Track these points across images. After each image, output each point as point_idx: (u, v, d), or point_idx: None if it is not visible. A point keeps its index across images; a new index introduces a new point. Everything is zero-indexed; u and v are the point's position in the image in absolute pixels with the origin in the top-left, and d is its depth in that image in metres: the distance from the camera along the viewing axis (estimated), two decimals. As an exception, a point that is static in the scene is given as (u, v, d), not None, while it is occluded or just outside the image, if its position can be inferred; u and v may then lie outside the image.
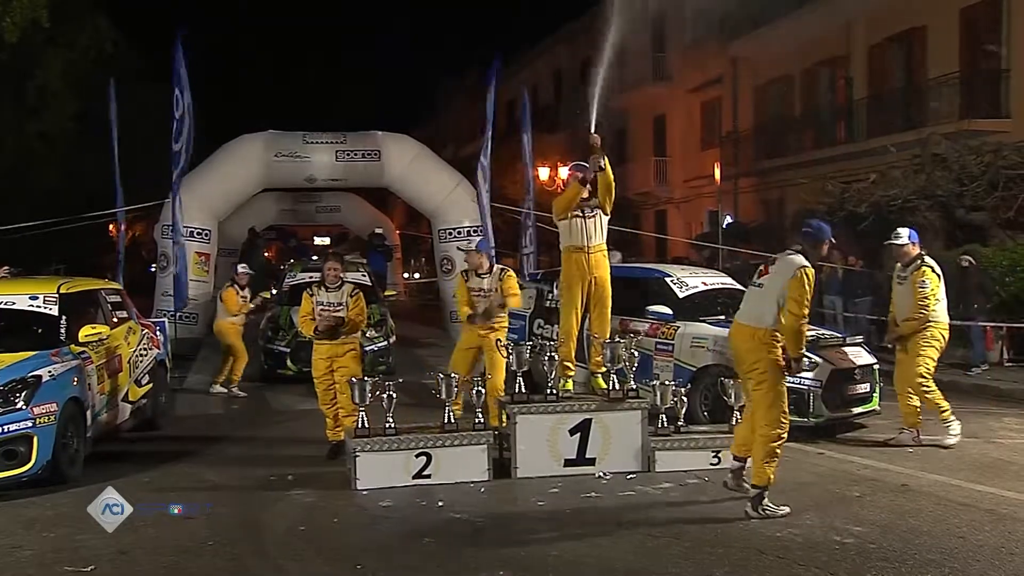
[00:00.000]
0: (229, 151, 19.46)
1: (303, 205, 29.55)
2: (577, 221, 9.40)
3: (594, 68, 9.31)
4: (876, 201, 18.74)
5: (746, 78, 29.42)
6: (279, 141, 19.53)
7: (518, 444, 8.70)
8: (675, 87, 33.02)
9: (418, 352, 18.73)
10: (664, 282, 12.02)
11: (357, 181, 21.32)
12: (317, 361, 9.86)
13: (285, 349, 15.01)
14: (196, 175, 18.73)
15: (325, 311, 9.84)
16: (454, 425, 8.66)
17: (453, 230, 19.78)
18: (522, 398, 8.87)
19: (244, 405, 13.52)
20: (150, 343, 11.39)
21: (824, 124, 26.03)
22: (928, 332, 9.99)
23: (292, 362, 14.90)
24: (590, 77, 9.41)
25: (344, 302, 9.94)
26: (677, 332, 11.17)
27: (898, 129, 21.89)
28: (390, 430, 8.53)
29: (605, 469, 8.74)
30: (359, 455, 8.37)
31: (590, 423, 8.80)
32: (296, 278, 16.87)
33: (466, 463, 8.56)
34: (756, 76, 28.99)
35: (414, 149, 20.58)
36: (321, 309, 9.86)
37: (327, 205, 30.61)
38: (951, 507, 7.58)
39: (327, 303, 9.90)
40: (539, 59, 43.05)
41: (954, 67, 21.08)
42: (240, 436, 11.10)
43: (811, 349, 10.49)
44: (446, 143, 49.37)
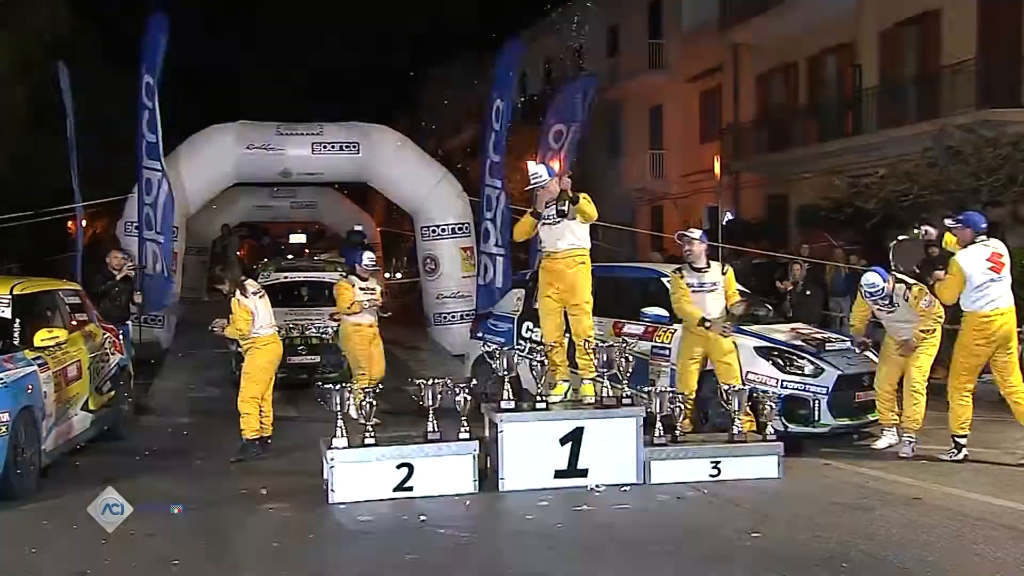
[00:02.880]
0: (197, 143, 19.36)
1: (277, 201, 29.46)
2: (544, 228, 9.64)
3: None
4: (886, 197, 18.73)
5: (748, 66, 29.44)
6: (251, 132, 19.45)
7: (505, 454, 8.67)
8: (672, 76, 33.04)
9: (399, 356, 18.64)
10: (660, 282, 11.99)
11: (335, 175, 21.25)
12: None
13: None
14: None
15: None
16: (437, 434, 8.63)
17: (437, 227, 19.74)
18: (510, 405, 8.85)
19: (214, 413, 13.41)
20: (112, 348, 11.32)
21: (831, 115, 26.01)
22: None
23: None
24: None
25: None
26: (674, 336, 11.14)
27: (910, 120, 21.88)
28: (369, 439, 8.50)
29: (598, 481, 8.71)
30: (336, 466, 8.34)
31: (582, 432, 8.77)
32: (270, 278, 16.80)
33: (450, 474, 8.54)
34: (758, 64, 29.00)
35: (395, 141, 20.53)
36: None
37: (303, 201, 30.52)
38: (967, 522, 7.56)
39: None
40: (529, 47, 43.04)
41: (970, 53, 20.99)
42: (209, 446, 11.02)
43: (816, 353, 10.54)
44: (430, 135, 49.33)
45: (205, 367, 16.31)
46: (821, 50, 26.33)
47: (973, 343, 9.67)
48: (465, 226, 19.69)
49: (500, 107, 17.92)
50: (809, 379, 10.31)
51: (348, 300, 12.02)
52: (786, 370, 10.37)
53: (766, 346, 10.65)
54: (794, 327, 11.65)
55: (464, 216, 19.74)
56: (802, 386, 10.25)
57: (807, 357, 10.53)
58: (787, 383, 10.25)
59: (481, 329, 13.67)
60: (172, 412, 13.50)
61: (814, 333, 11.42)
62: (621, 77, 34.86)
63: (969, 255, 9.75)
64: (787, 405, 10.17)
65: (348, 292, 12.08)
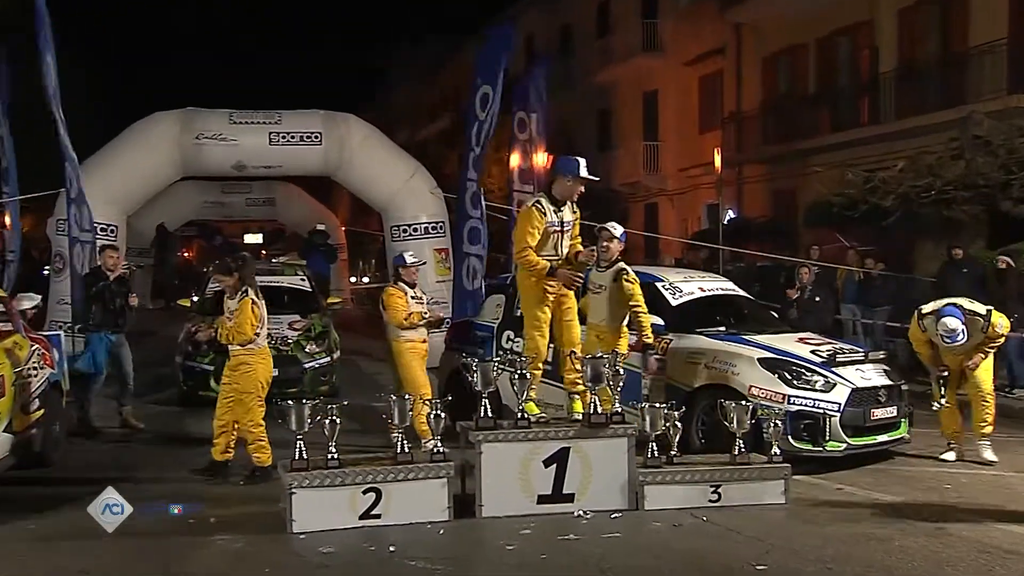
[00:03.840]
0: (138, 132, 19.31)
1: (230, 197, 29.45)
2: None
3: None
4: (905, 192, 18.82)
5: (752, 48, 29.59)
6: (200, 120, 19.40)
7: (484, 477, 8.68)
8: (669, 59, 33.17)
9: (367, 370, 18.67)
10: (655, 287, 12.02)
11: (295, 168, 21.24)
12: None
13: (208, 367, 14.84)
14: (98, 160, 18.58)
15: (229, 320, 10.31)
16: (408, 456, 8.64)
17: (409, 227, 19.76)
18: (488, 423, 8.86)
19: (158, 434, 13.38)
20: (41, 361, 11.21)
21: (844, 102, 26.17)
22: None
23: (216, 382, 14.74)
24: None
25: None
26: (670, 346, 11.19)
27: (933, 107, 21.98)
28: (333, 462, 8.49)
29: (585, 507, 8.73)
30: (296, 492, 8.32)
31: (568, 453, 8.80)
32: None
33: (423, 500, 8.53)
34: (764, 46, 29.15)
35: (362, 131, 20.55)
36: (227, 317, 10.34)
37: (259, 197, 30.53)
38: (996, 555, 7.59)
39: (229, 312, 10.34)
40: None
41: (1001, 33, 21.08)
42: (153, 471, 10.94)
43: (827, 366, 10.60)
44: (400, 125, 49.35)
45: (153, 382, 16.25)
46: (833, 30, 26.47)
47: None
48: (439, 225, 19.73)
49: (488, 94, 17.76)
50: (819, 394, 10.37)
51: (403, 311, 11.19)
52: (794, 384, 10.42)
53: (771, 358, 10.71)
54: (802, 337, 11.72)
55: (438, 214, 19.78)
56: (811, 402, 10.30)
57: (817, 370, 10.58)
58: (795, 399, 10.30)
59: (457, 339, 13.67)
60: (111, 433, 13.41)
61: (824, 343, 11.48)
62: (612, 60, 34.96)
63: None
64: (795, 423, 10.21)
65: (401, 301, 11.22)
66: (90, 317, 13.12)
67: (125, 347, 13.43)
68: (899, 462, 10.97)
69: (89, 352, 13.11)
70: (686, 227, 31.57)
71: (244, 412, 10.18)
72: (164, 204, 25.34)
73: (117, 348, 13.27)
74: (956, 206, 18.11)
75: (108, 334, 13.10)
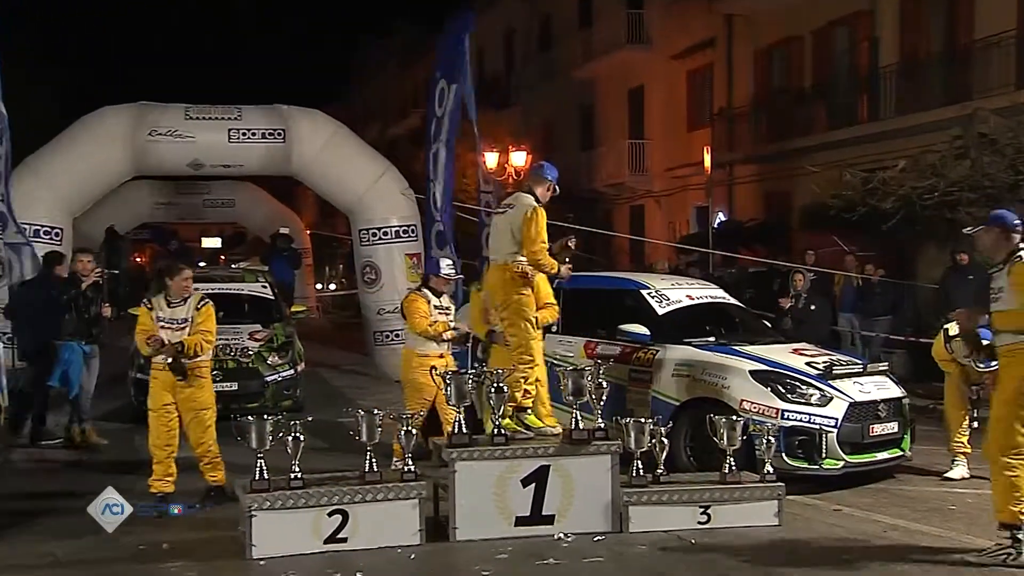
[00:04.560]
0: (87, 127, 19.20)
1: (187, 198, 29.36)
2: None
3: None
4: (906, 194, 18.89)
5: (744, 40, 29.70)
6: (154, 115, 19.33)
7: (458, 498, 8.67)
8: (655, 52, 33.27)
9: (333, 383, 18.68)
10: (640, 295, 12.06)
11: (256, 167, 21.17)
12: (155, 389, 10.06)
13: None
14: (43, 158, 18.48)
15: (168, 329, 10.05)
16: (377, 475, 8.62)
17: (378, 230, 19.74)
18: (462, 440, 8.86)
19: (105, 454, 13.27)
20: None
21: (842, 98, 26.24)
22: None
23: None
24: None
25: (189, 318, 10.14)
26: (656, 357, 11.21)
27: (936, 104, 22.05)
28: (296, 482, 8.46)
29: (566, 529, 8.73)
30: (255, 515, 8.28)
31: (547, 471, 8.79)
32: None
33: (392, 523, 8.51)
34: (756, 38, 29.28)
35: (329, 128, 20.52)
36: (162, 326, 10.09)
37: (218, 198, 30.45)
38: (1002, 580, 7.62)
39: (169, 319, 10.13)
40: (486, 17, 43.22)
41: (1009, 25, 21.10)
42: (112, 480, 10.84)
43: (823, 379, 10.63)
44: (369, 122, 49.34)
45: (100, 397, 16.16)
46: (831, 21, 26.58)
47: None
48: (411, 228, 19.72)
49: (444, 89, 17.90)
50: (815, 409, 10.40)
51: (424, 319, 10.95)
52: (788, 398, 10.45)
53: (764, 370, 10.74)
54: (797, 347, 11.76)
55: (410, 217, 19.77)
56: (807, 417, 10.33)
57: (812, 383, 10.62)
58: (789, 413, 10.33)
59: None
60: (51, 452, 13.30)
61: (820, 355, 11.51)
62: (595, 53, 35.05)
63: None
64: (789, 439, 10.24)
65: (423, 307, 10.99)
66: (63, 327, 12.97)
67: (96, 359, 13.38)
68: (900, 481, 11.02)
69: (61, 366, 12.97)
70: (674, 230, 31.64)
71: (203, 431, 10.10)
72: (114, 205, 25.22)
73: (89, 359, 13.22)
74: (961, 208, 18.14)
75: (82, 344, 13.04)
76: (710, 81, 31.23)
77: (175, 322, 10.09)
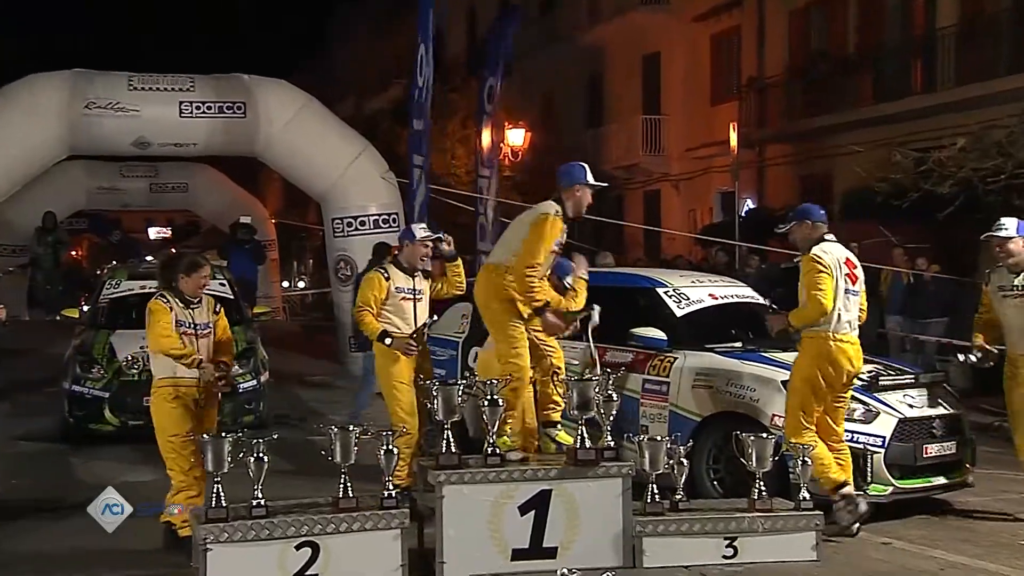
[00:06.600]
0: (12, 98, 19.15)
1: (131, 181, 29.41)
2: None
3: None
4: (967, 177, 18.89)
5: (777, 0, 29.72)
6: (92, 85, 19.31)
7: (446, 528, 8.68)
8: (674, 14, 33.30)
9: (302, 395, 18.67)
10: (655, 294, 12.07)
11: (212, 147, 21.20)
12: (178, 412, 9.50)
13: (102, 393, 14.83)
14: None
15: (188, 335, 9.55)
16: (353, 501, 8.62)
17: (354, 219, 19.76)
18: (451, 461, 8.87)
19: (38, 479, 13.23)
20: None
21: (892, 66, 26.22)
22: None
23: (112, 412, 14.73)
24: None
25: (211, 324, 9.82)
26: (674, 366, 11.22)
27: (1002, 72, 22.09)
28: (258, 510, 8.46)
29: (571, 564, 8.66)
30: (211, 548, 8.27)
31: (549, 497, 8.82)
32: (119, 288, 16.70)
33: (370, 557, 8.52)
34: (791, -3, 29.33)
35: (297, 101, 20.55)
36: (183, 332, 9.55)
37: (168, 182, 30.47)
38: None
39: (190, 324, 9.63)
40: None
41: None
42: (32, 524, 10.84)
43: (867, 391, 10.63)
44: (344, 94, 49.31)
45: (26, 413, 16.21)
46: (878, -25, 26.57)
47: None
48: (392, 217, 19.74)
49: (423, 56, 18.03)
50: (858, 426, 10.40)
51: (369, 314, 10.44)
52: (827, 413, 10.47)
53: (800, 381, 10.76)
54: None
55: (391, 204, 19.81)
56: (849, 435, 10.31)
57: (856, 395, 10.61)
58: (828, 431, 10.34)
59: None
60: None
61: (865, 362, 11.51)
62: (604, 14, 35.05)
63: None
64: (829, 461, 10.26)
65: (374, 293, 10.39)
66: None
67: None
68: (958, 510, 10.98)
69: None
70: (694, 219, 31.68)
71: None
72: (44, 190, 25.22)
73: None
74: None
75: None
76: (738, 46, 31.28)
77: (198, 327, 9.60)
